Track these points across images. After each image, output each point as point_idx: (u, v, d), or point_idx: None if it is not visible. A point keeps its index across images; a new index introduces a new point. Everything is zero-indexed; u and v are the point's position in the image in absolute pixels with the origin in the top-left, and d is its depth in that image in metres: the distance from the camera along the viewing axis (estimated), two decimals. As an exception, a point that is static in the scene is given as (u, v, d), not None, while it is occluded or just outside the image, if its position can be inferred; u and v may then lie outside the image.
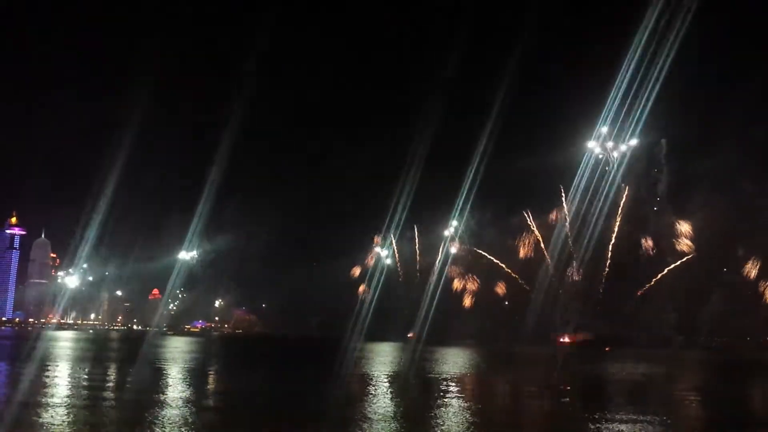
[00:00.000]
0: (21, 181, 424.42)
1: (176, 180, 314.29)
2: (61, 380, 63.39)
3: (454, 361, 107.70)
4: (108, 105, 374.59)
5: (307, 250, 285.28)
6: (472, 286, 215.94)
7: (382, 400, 53.53)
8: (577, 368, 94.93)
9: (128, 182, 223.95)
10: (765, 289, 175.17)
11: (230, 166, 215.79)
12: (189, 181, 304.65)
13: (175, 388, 59.11)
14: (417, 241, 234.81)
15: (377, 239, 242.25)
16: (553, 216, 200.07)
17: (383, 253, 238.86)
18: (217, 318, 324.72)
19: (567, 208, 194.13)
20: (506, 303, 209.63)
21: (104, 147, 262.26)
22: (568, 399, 57.39)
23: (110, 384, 63.59)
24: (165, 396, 52.01)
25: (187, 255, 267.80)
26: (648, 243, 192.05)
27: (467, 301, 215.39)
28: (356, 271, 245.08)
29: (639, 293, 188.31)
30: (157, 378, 65.08)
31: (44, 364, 77.75)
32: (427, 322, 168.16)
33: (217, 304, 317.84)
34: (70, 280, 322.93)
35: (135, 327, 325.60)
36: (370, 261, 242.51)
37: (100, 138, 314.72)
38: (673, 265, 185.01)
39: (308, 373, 79.85)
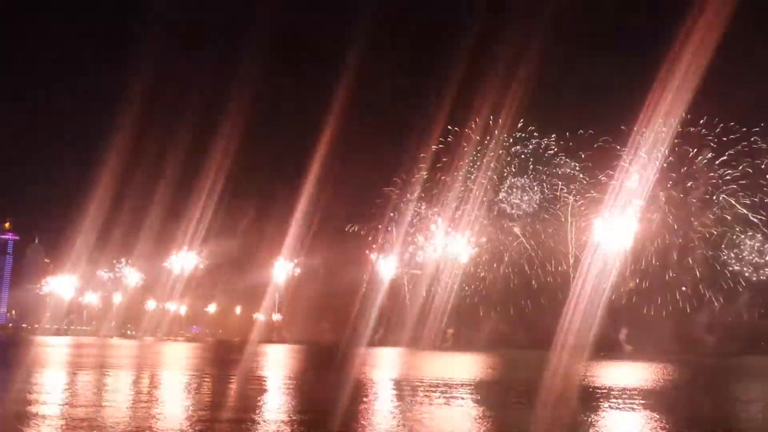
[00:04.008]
0: (14, 187, 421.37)
1: (175, 184, 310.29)
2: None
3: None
4: (104, 107, 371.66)
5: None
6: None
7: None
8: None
9: (123, 188, 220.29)
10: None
11: (230, 169, 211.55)
12: (188, 184, 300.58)
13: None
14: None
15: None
16: None
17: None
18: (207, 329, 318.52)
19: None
20: None
21: (98, 152, 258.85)
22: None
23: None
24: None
25: (183, 260, 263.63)
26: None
27: None
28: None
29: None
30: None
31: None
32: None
33: (213, 308, 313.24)
34: (63, 286, 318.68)
35: (129, 332, 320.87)
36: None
37: (96, 142, 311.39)
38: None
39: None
